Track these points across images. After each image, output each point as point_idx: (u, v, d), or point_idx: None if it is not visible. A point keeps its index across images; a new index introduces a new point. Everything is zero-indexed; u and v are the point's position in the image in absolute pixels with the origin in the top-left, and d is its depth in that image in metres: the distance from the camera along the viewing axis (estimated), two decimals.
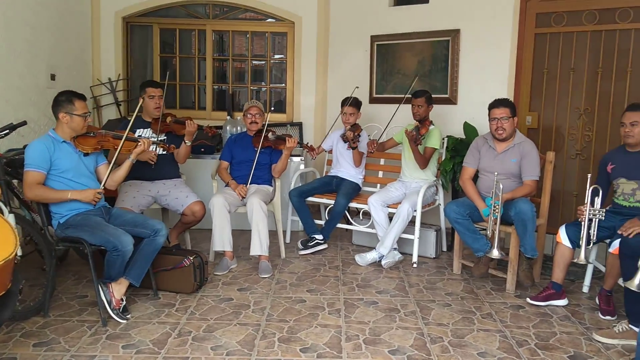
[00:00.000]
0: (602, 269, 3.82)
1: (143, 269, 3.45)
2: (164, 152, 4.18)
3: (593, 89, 4.66)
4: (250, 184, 4.50)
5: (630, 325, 3.13)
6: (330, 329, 3.24)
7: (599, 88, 4.63)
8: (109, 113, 6.10)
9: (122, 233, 3.25)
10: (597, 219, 3.46)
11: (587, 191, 3.46)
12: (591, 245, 3.54)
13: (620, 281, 3.36)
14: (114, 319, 3.27)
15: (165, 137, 4.23)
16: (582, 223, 3.47)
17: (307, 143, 4.90)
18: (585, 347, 3.06)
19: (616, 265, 3.35)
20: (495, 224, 3.78)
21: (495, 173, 3.85)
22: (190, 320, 3.32)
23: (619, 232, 3.35)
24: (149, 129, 4.26)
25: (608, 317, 3.47)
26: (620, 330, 3.14)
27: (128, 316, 3.33)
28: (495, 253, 3.78)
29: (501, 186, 3.75)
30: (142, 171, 4.07)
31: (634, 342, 3.05)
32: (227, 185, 4.48)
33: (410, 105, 4.66)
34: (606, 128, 4.61)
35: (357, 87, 5.09)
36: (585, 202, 3.46)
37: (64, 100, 3.35)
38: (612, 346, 3.07)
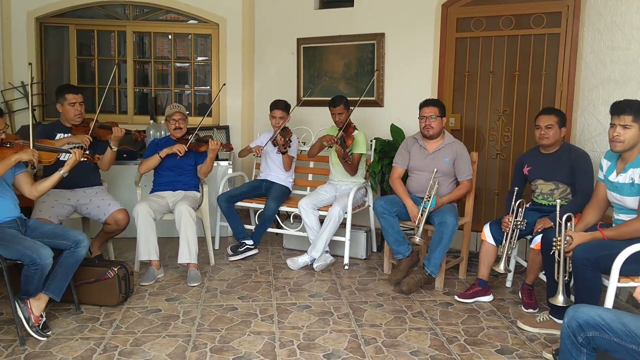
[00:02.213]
0: (524, 264, 3.98)
1: (64, 283, 3.26)
2: (85, 160, 3.99)
3: (511, 91, 4.85)
4: (177, 190, 4.38)
5: (550, 316, 3.28)
6: (264, 336, 3.19)
7: (517, 90, 4.83)
8: (22, 118, 5.75)
9: (40, 246, 3.06)
10: (518, 229, 3.62)
11: (512, 204, 3.63)
12: (512, 253, 3.68)
13: (542, 275, 3.51)
14: (33, 336, 3.06)
15: (87, 152, 4.03)
16: (506, 234, 3.61)
17: (230, 144, 4.76)
18: (511, 340, 3.17)
19: (537, 260, 3.50)
20: (423, 213, 3.88)
21: (435, 170, 3.97)
22: (116, 335, 3.17)
23: (534, 232, 3.53)
24: (69, 133, 4.05)
25: (530, 310, 3.61)
26: (542, 320, 3.29)
27: (48, 333, 3.14)
28: (417, 239, 3.83)
29: (432, 182, 3.92)
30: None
31: (554, 332, 3.20)
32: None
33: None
34: (524, 129, 4.81)
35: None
36: (511, 214, 3.61)
37: None
38: (535, 338, 3.20)
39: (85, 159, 3.68)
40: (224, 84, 5.25)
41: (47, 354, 2.92)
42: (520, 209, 3.62)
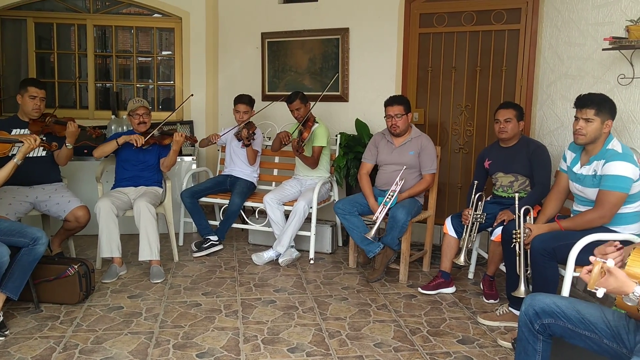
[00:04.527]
0: (485, 255, 4.05)
1: (22, 281, 3.19)
2: (45, 153, 3.91)
3: (473, 87, 4.92)
4: (139, 185, 4.32)
5: (510, 308, 3.35)
6: (228, 331, 3.17)
7: (478, 85, 4.90)
8: None
9: None
10: (478, 222, 3.69)
11: (472, 197, 3.70)
12: (473, 246, 3.74)
13: (502, 266, 3.58)
14: None
15: (44, 138, 3.95)
16: (466, 227, 3.67)
17: (194, 137, 4.75)
18: (472, 331, 3.24)
19: (497, 252, 3.57)
20: (382, 209, 3.95)
21: (404, 167, 4.04)
22: (76, 333, 3.12)
23: (495, 224, 3.60)
24: (26, 129, 3.96)
25: (491, 301, 3.69)
26: (501, 313, 3.36)
27: (6, 332, 3.07)
28: (372, 234, 3.91)
29: (397, 180, 3.98)
30: (18, 175, 3.76)
31: (513, 324, 3.25)
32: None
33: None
34: (485, 123, 4.89)
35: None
36: (470, 207, 3.67)
37: None
38: (496, 328, 3.27)
39: (43, 148, 3.59)
40: (192, 94, 5.32)
41: (4, 353, 2.85)
42: (479, 202, 3.69)
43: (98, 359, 2.81)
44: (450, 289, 3.86)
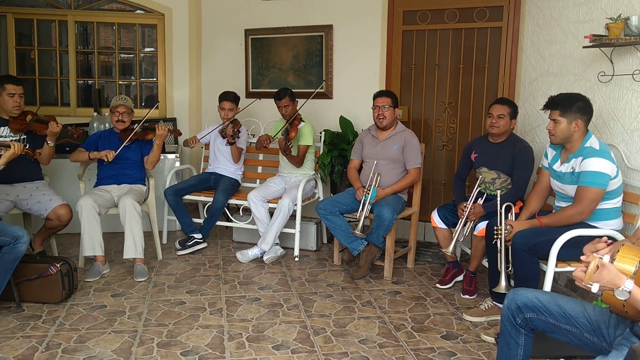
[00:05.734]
0: (468, 251, 4.08)
1: (3, 280, 3.17)
2: (25, 155, 3.87)
3: (456, 84, 4.95)
4: (121, 183, 4.29)
5: (494, 302, 3.38)
6: (212, 329, 3.17)
7: (461, 83, 4.92)
8: None
9: None
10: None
11: (473, 192, 3.70)
12: (462, 239, 3.76)
13: (485, 262, 3.61)
14: None
15: (25, 137, 3.91)
16: (461, 220, 3.66)
17: (178, 130, 4.72)
18: (456, 326, 3.26)
19: (480, 246, 3.60)
20: (364, 206, 3.97)
21: (374, 161, 4.06)
22: (59, 332, 3.10)
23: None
24: (6, 127, 3.91)
25: (467, 296, 3.74)
26: (486, 307, 3.39)
27: None
28: (359, 228, 3.94)
29: (371, 174, 4.03)
30: None
31: (497, 317, 3.29)
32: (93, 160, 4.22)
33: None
34: (468, 120, 4.92)
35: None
36: (469, 201, 3.67)
37: None
38: (479, 323, 3.30)
39: (25, 154, 3.55)
40: (158, 102, 5.30)
41: None
42: (479, 198, 3.70)
43: (81, 358, 2.79)
44: (461, 276, 3.94)
